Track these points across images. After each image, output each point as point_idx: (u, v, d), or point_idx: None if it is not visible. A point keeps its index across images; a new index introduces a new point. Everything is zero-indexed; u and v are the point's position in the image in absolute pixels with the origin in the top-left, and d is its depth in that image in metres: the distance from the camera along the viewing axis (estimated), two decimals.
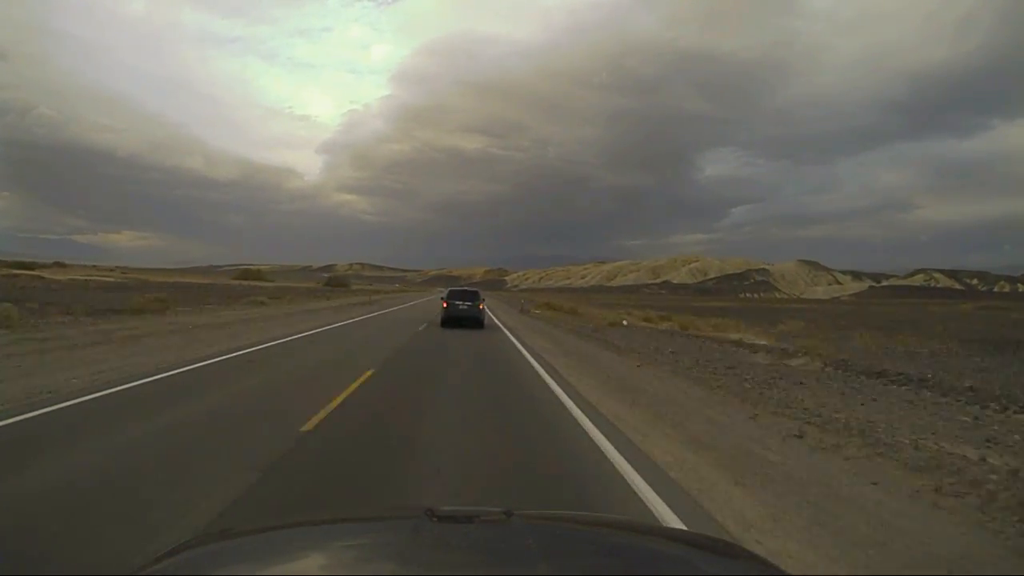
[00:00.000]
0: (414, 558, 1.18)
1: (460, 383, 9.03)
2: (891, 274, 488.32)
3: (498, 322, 25.18)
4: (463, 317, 20.08)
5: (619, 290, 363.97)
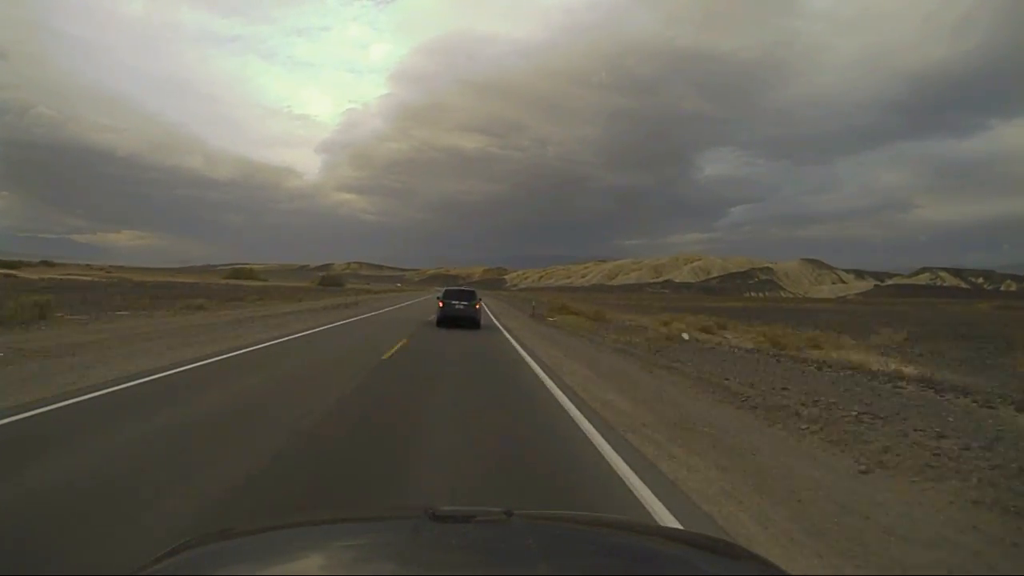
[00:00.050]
0: (414, 558, 1.17)
1: None
2: (894, 273, 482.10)
3: (510, 336, 18.45)
4: (459, 317, 19.79)
5: (621, 289, 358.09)
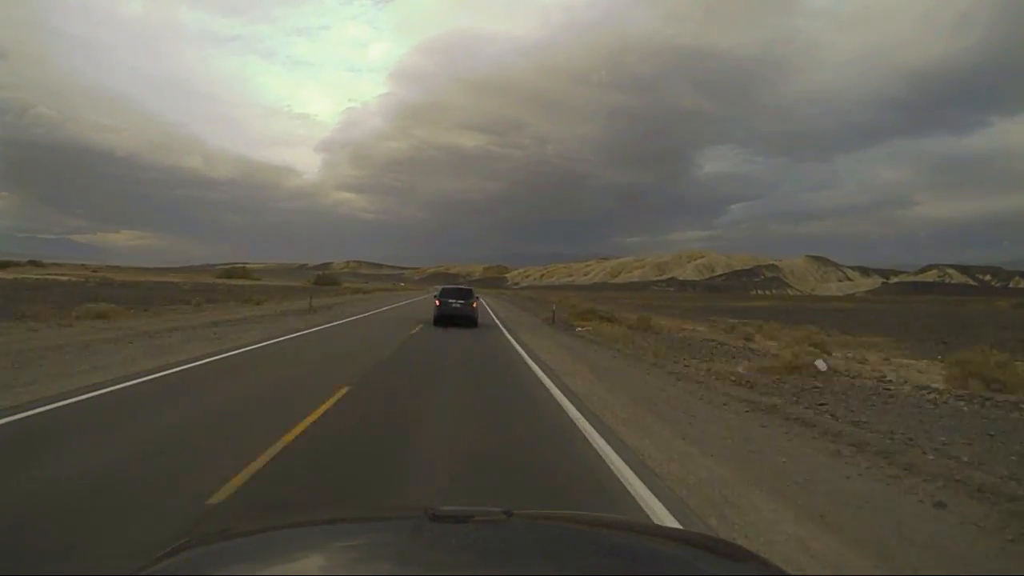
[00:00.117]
0: (414, 558, 1.17)
1: None
2: (897, 270, 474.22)
3: (535, 365, 11.47)
4: (456, 315, 19.95)
5: (626, 288, 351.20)
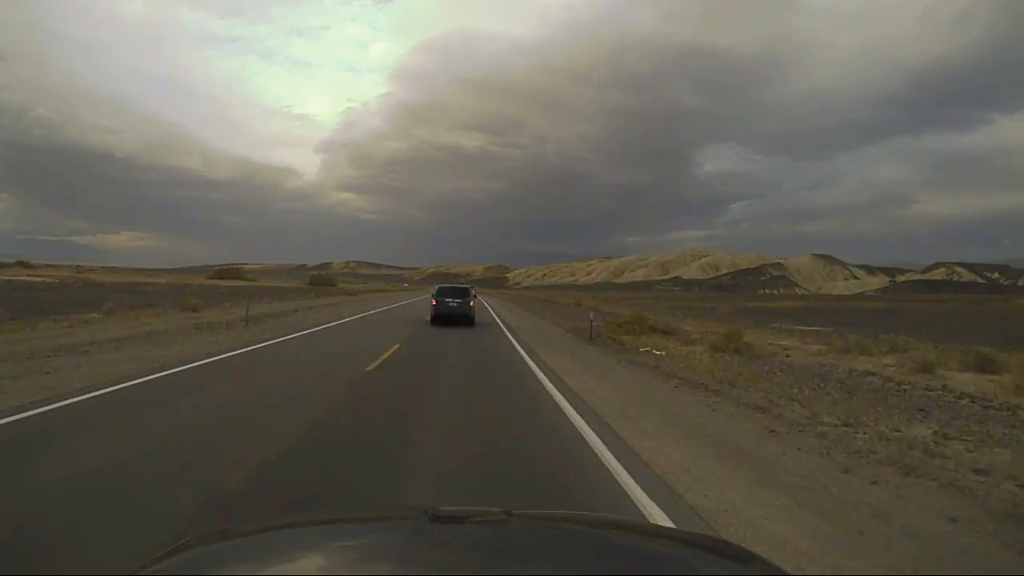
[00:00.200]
0: (414, 558, 1.17)
1: None
2: (902, 268, 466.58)
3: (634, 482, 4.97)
4: (453, 314, 19.90)
5: (630, 287, 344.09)
